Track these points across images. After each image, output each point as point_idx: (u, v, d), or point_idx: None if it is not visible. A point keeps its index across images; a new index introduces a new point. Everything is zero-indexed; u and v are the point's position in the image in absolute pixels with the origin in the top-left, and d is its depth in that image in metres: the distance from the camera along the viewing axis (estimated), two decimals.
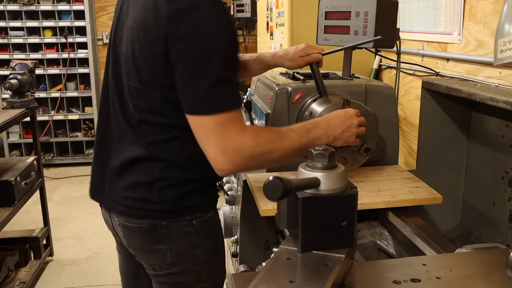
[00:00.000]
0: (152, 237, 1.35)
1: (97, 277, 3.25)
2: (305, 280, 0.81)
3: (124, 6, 1.35)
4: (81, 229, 4.00)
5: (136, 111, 1.30)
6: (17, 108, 3.13)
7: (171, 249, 1.35)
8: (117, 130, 1.37)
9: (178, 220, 1.34)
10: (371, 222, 1.53)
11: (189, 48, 1.17)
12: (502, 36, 1.22)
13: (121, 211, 1.37)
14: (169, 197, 1.32)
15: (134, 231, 1.36)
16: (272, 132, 1.28)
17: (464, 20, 1.85)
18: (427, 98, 1.78)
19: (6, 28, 5.30)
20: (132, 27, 1.27)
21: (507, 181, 1.61)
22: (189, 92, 1.19)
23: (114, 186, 1.38)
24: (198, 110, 1.19)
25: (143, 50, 1.23)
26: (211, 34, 1.17)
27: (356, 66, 1.88)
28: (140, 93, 1.28)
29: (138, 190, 1.33)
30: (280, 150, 1.25)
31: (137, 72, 1.27)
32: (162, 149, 1.29)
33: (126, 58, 1.30)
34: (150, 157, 1.31)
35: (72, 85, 5.54)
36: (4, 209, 2.70)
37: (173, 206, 1.33)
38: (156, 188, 1.31)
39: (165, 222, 1.33)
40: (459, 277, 0.91)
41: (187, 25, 1.16)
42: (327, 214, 0.88)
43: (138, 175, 1.33)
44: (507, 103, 1.34)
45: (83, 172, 5.44)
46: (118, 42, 1.36)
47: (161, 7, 1.17)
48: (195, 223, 1.35)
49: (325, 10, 1.88)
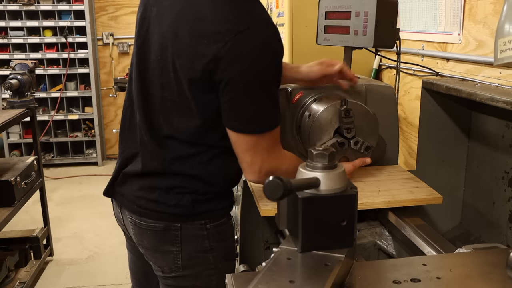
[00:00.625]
0: (164, 238, 1.33)
1: (97, 277, 3.25)
2: (305, 280, 0.81)
3: (154, 9, 1.30)
4: (81, 229, 4.00)
5: (166, 124, 1.28)
6: (17, 108, 3.13)
7: (182, 252, 1.34)
8: (139, 137, 1.35)
9: (192, 223, 1.33)
10: (371, 222, 1.53)
11: (244, 70, 1.15)
12: (502, 36, 1.22)
13: (134, 210, 1.36)
14: (185, 201, 1.31)
15: (146, 230, 1.35)
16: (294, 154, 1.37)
17: (464, 20, 1.85)
18: (427, 98, 1.78)
19: (6, 28, 5.30)
20: (170, 37, 1.22)
21: (507, 181, 1.61)
22: (240, 111, 1.20)
23: (129, 184, 1.38)
24: (247, 129, 1.21)
25: (189, 65, 1.19)
26: (266, 55, 1.17)
27: (356, 66, 1.88)
28: (176, 107, 1.26)
29: (154, 192, 1.33)
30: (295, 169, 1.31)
31: (178, 85, 1.23)
32: (186, 163, 1.29)
33: (163, 68, 1.25)
34: (171, 171, 1.31)
35: (72, 85, 5.54)
36: (4, 209, 2.70)
37: (189, 211, 1.32)
38: (174, 192, 1.31)
39: (178, 224, 1.32)
40: (459, 277, 0.91)
41: (242, 46, 1.14)
42: (327, 214, 0.88)
43: (156, 181, 1.33)
44: (507, 103, 1.34)
45: (83, 172, 5.44)
46: (146, 49, 1.31)
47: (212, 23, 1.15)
48: (208, 227, 1.34)
49: (325, 10, 1.87)
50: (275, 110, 1.24)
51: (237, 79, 1.15)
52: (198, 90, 1.21)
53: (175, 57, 1.22)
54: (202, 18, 1.17)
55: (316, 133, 1.48)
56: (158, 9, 1.29)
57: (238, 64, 1.14)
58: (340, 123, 1.47)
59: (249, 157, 1.24)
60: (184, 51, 1.20)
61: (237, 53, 1.14)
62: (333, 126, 1.48)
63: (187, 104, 1.24)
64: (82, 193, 4.82)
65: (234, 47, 1.13)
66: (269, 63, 1.18)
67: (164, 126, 1.29)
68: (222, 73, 1.15)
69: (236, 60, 1.14)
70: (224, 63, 1.14)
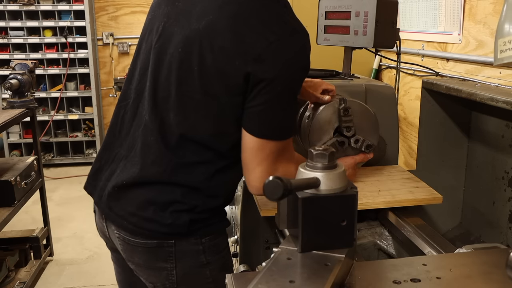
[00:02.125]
0: (157, 255, 1.25)
1: (97, 277, 3.25)
2: (305, 280, 0.81)
3: (180, 4, 1.24)
4: (81, 229, 3.99)
5: (178, 122, 1.20)
6: (17, 108, 3.13)
7: (177, 268, 1.26)
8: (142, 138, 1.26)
9: (187, 240, 1.25)
10: (371, 222, 1.53)
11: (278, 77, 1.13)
12: (502, 36, 1.22)
13: (125, 227, 1.25)
14: (182, 221, 1.22)
15: (137, 247, 1.26)
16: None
17: (464, 20, 1.85)
18: (427, 98, 1.78)
19: (6, 28, 5.30)
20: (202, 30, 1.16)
21: (507, 181, 1.61)
22: (264, 117, 1.18)
23: (117, 198, 1.27)
24: (266, 135, 1.18)
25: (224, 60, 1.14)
26: (301, 64, 1.16)
27: (356, 66, 1.88)
28: (194, 104, 1.19)
29: (148, 209, 1.22)
30: None
31: (202, 80, 1.17)
32: (191, 172, 1.21)
33: (183, 61, 1.19)
34: (172, 181, 1.22)
35: (72, 85, 5.54)
36: (4, 209, 2.70)
37: (184, 229, 1.23)
38: (170, 210, 1.22)
39: (172, 241, 1.24)
40: (459, 277, 0.91)
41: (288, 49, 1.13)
42: (327, 214, 0.88)
43: (151, 194, 1.23)
44: (507, 103, 1.34)
45: (83, 172, 5.44)
46: (164, 43, 1.23)
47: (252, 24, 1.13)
48: (204, 241, 1.27)
49: (325, 10, 1.87)
50: (294, 119, 1.28)
51: (277, 82, 1.13)
52: (228, 89, 1.16)
53: (206, 51, 1.15)
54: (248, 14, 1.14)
55: (315, 134, 1.47)
56: (185, 3, 1.23)
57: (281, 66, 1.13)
58: (340, 122, 1.47)
59: (266, 164, 1.20)
60: (221, 46, 1.14)
61: (281, 56, 1.13)
62: (333, 125, 1.48)
63: (208, 102, 1.18)
64: (82, 193, 4.79)
65: (279, 49, 1.12)
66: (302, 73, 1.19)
67: (176, 124, 1.20)
68: (263, 73, 1.12)
69: (280, 62, 1.13)
70: (261, 65, 1.12)
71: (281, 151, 1.22)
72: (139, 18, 5.62)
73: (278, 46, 1.12)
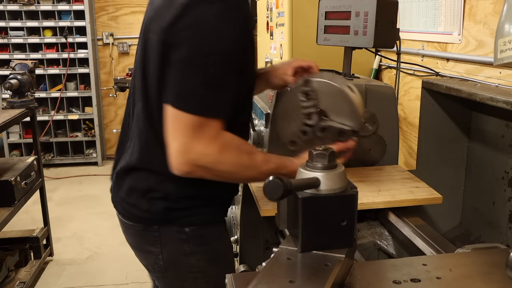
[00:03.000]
0: (145, 238, 1.33)
1: (97, 277, 3.25)
2: (305, 280, 0.81)
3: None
4: (81, 229, 4.00)
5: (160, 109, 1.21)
6: (17, 108, 3.13)
7: (163, 253, 1.31)
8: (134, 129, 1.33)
9: (170, 227, 1.30)
10: (371, 222, 1.53)
11: (189, 42, 1.12)
12: (502, 36, 1.22)
13: (119, 211, 1.38)
14: (158, 209, 1.28)
15: (130, 229, 1.36)
16: (242, 157, 1.20)
17: (464, 20, 1.85)
18: (427, 98, 1.78)
19: (6, 28, 5.30)
20: (150, 16, 1.25)
21: (507, 181, 1.61)
22: (177, 84, 1.15)
23: (117, 187, 1.39)
24: (180, 105, 1.14)
25: (153, 39, 1.20)
26: (215, 34, 1.12)
27: (356, 66, 1.88)
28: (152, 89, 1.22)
29: (132, 196, 1.32)
30: (239, 177, 1.24)
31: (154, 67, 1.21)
32: (163, 160, 1.21)
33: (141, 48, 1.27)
34: (148, 167, 1.29)
35: (72, 85, 5.54)
36: (4, 209, 2.70)
37: (162, 217, 1.29)
38: (148, 197, 1.29)
39: (156, 226, 1.30)
40: (459, 277, 0.91)
41: (192, 19, 1.11)
42: (327, 214, 0.88)
43: (134, 181, 1.32)
44: (507, 103, 1.34)
45: (83, 172, 5.44)
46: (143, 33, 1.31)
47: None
48: (188, 231, 1.29)
49: (325, 10, 1.87)
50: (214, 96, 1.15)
51: (183, 48, 1.13)
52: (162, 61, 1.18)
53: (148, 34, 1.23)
54: None
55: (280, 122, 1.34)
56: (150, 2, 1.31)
57: (184, 34, 1.12)
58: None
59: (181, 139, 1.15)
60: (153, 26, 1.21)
61: (187, 24, 1.12)
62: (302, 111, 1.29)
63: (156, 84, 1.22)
64: (82, 193, 4.82)
65: (188, 13, 1.12)
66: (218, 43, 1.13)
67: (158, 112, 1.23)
68: (172, 38, 1.14)
69: (184, 31, 1.12)
70: (174, 32, 1.13)
71: (200, 127, 1.14)
72: (139, 18, 5.61)
73: (186, 10, 1.11)
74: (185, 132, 1.14)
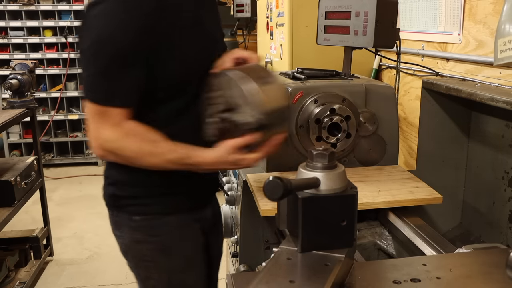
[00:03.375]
0: (112, 223, 1.43)
1: (97, 277, 3.25)
2: (305, 280, 0.81)
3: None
4: (81, 229, 3.99)
5: None
6: (17, 108, 3.13)
7: (123, 237, 1.41)
8: None
9: (121, 214, 1.39)
10: (371, 222, 1.53)
11: (85, 37, 1.22)
12: (502, 36, 1.22)
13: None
14: (108, 194, 1.40)
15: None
16: (144, 145, 1.25)
17: (464, 20, 1.85)
18: (427, 98, 1.78)
19: (6, 28, 5.30)
20: None
21: (507, 181, 1.61)
22: (82, 77, 1.25)
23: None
24: (84, 94, 1.24)
25: None
26: (109, 26, 1.19)
27: (356, 66, 1.88)
28: None
29: (104, 182, 1.44)
30: (145, 162, 1.26)
31: None
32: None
33: None
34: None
35: (72, 85, 5.54)
36: (4, 209, 2.70)
37: (114, 202, 1.40)
38: (106, 183, 1.42)
39: (115, 211, 1.40)
40: (459, 277, 0.91)
41: (90, 16, 1.22)
42: (327, 214, 0.88)
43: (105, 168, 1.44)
44: (507, 103, 1.34)
45: (83, 172, 5.44)
46: None
47: None
48: (136, 219, 1.37)
49: (325, 10, 1.87)
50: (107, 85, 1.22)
51: (82, 40, 1.24)
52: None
53: None
54: None
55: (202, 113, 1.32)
56: None
57: (83, 31, 1.24)
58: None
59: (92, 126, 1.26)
60: None
61: (88, 14, 1.23)
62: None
63: None
64: (82, 193, 4.82)
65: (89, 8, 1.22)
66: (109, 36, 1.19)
67: None
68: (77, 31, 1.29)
69: (83, 29, 1.24)
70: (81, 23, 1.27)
71: (104, 115, 1.22)
72: None
73: (89, 8, 1.22)
74: (92, 119, 1.24)
